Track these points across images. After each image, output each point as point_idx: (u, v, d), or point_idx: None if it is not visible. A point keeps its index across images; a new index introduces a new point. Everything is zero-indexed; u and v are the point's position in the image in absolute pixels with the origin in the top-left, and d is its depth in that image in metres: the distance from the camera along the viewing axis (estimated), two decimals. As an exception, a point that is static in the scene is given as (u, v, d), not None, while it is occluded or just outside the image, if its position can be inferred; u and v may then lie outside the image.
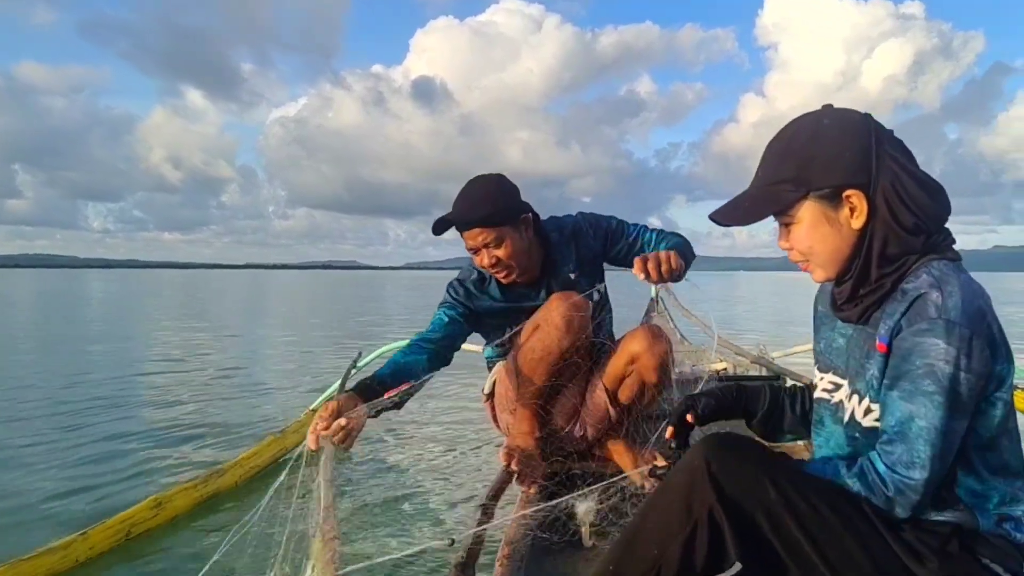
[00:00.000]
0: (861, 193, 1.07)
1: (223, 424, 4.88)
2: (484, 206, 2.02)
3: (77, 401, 5.71)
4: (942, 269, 1.06)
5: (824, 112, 1.12)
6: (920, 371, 1.01)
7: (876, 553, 1.04)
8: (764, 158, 1.15)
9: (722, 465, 1.06)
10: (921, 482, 1.02)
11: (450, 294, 2.20)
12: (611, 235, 2.19)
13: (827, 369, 1.24)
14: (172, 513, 2.66)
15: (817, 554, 1.03)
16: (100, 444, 4.26)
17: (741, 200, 1.16)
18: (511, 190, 2.09)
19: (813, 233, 1.11)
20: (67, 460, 3.88)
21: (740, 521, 1.04)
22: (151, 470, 3.70)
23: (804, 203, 1.10)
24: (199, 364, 8.23)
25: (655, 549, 1.07)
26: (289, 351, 9.84)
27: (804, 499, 1.04)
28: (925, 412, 1.01)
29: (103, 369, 7.69)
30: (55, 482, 3.45)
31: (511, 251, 2.04)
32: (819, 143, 1.08)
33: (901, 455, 1.03)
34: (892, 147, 1.08)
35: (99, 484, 3.43)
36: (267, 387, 6.66)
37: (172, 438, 4.46)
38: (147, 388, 6.60)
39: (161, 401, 5.88)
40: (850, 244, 1.10)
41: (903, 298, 1.06)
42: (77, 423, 4.87)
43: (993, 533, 1.07)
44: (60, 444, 4.26)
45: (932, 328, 1.00)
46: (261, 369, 8.10)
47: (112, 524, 2.40)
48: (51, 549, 2.15)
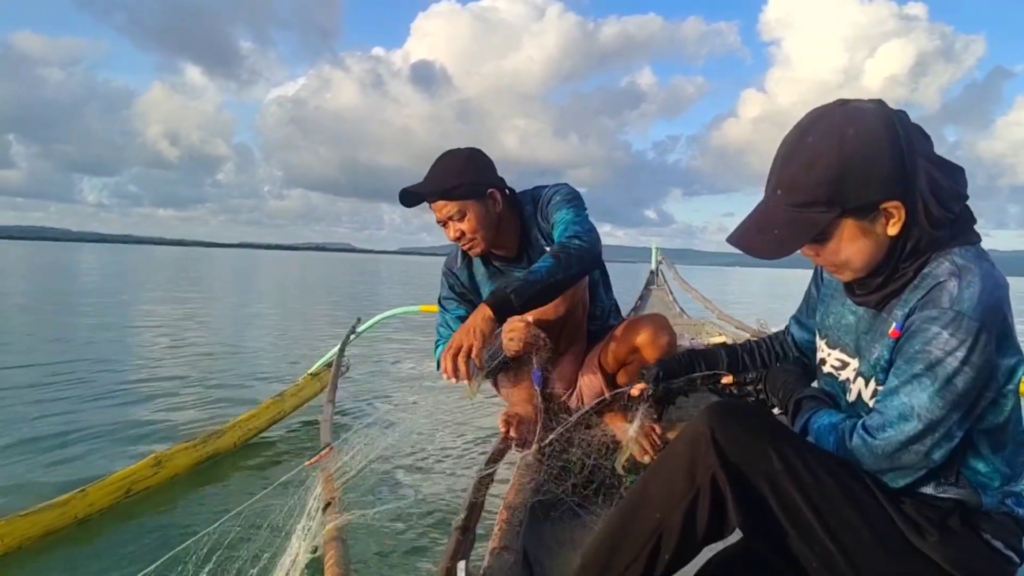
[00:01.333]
0: (900, 202, 1.01)
1: (223, 387, 4.91)
2: (448, 179, 1.99)
3: (76, 368, 5.72)
4: (965, 257, 1.03)
5: (843, 119, 1.02)
6: (917, 354, 1.00)
7: (877, 524, 1.04)
8: (783, 173, 1.05)
9: (726, 432, 1.05)
10: (881, 447, 1.02)
11: (450, 286, 2.21)
12: (547, 210, 2.09)
13: (835, 345, 1.23)
14: (171, 472, 2.67)
15: (818, 522, 1.03)
16: (100, 408, 4.28)
17: (766, 225, 1.06)
18: (481, 166, 2.04)
19: (849, 247, 1.06)
20: (65, 422, 3.89)
21: (742, 488, 1.04)
22: (150, 433, 3.72)
23: (839, 222, 1.03)
24: (200, 334, 8.25)
25: (657, 514, 1.08)
26: (288, 322, 9.86)
27: (807, 468, 1.04)
28: (909, 391, 1.01)
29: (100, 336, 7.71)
30: (53, 442, 3.47)
31: (475, 224, 2.01)
32: (848, 158, 0.99)
33: (875, 421, 1.04)
34: (919, 143, 1.03)
35: (98, 445, 3.45)
36: (267, 353, 6.68)
37: (171, 402, 4.48)
38: (148, 356, 6.62)
39: (161, 367, 5.90)
40: (885, 250, 1.06)
41: (922, 284, 1.04)
42: (75, 389, 4.89)
43: (996, 510, 1.07)
44: (59, 407, 4.28)
45: (940, 317, 0.99)
46: (261, 337, 8.12)
47: (112, 481, 2.41)
48: (50, 505, 2.16)
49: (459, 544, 1.26)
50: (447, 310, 2.20)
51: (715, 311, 5.33)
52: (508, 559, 1.35)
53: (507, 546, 1.40)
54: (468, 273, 2.18)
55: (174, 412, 4.16)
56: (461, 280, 2.19)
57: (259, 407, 3.46)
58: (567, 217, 2.02)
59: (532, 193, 2.18)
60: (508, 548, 1.39)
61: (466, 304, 2.19)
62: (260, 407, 3.46)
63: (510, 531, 1.48)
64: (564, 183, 2.16)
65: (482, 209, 2.03)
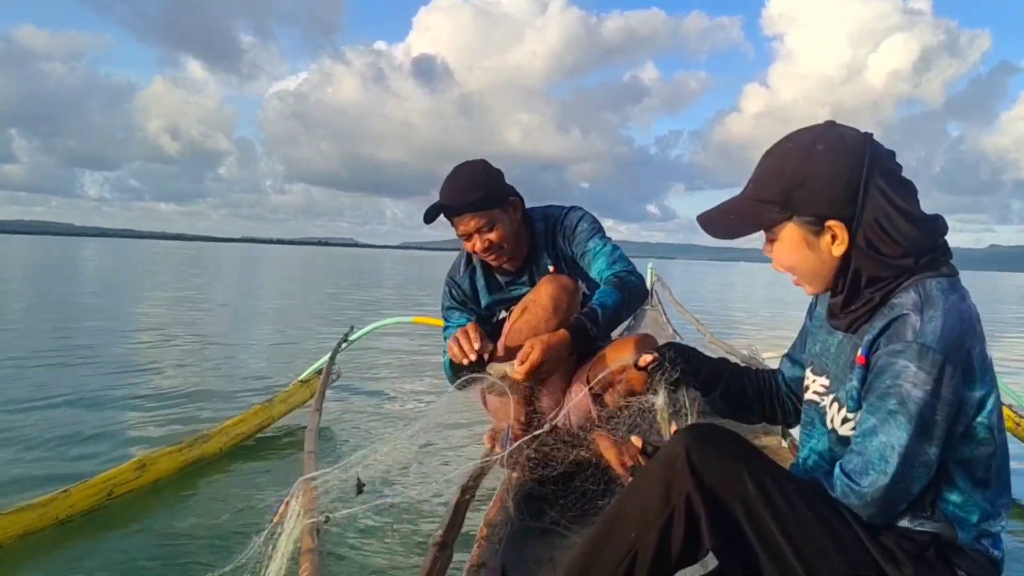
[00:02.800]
0: (843, 225, 1.07)
1: (211, 392, 4.89)
2: (474, 191, 2.01)
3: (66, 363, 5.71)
4: (929, 289, 1.05)
5: (822, 133, 1.10)
6: (888, 390, 1.02)
7: (851, 553, 1.05)
8: (757, 169, 1.15)
9: (702, 454, 1.06)
10: (868, 492, 1.03)
11: (452, 296, 2.21)
12: (575, 236, 2.13)
13: (820, 372, 1.24)
14: (155, 476, 2.66)
15: (791, 550, 1.03)
16: (84, 407, 4.26)
17: (727, 212, 1.17)
18: (497, 174, 2.08)
19: (793, 254, 1.13)
20: (52, 421, 3.88)
21: (717, 511, 1.05)
22: (135, 435, 3.70)
23: (787, 224, 1.11)
24: (192, 333, 8.23)
25: (632, 533, 1.08)
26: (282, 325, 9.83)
27: (782, 495, 1.05)
28: (887, 429, 1.02)
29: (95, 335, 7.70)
30: (40, 441, 3.45)
31: (503, 234, 2.04)
32: (809, 169, 1.08)
33: (856, 464, 1.05)
34: (884, 178, 1.06)
35: (84, 445, 3.44)
36: (257, 359, 6.66)
37: (159, 404, 4.46)
38: (137, 356, 6.61)
39: (150, 368, 5.88)
40: (831, 268, 1.12)
41: (888, 313, 1.07)
42: (64, 384, 4.87)
43: (971, 547, 1.08)
44: (47, 405, 4.26)
45: (905, 350, 1.00)
46: (253, 341, 8.10)
47: (95, 483, 2.39)
48: (31, 505, 2.15)
49: (435, 560, 1.27)
50: (450, 321, 2.20)
51: (706, 335, 5.36)
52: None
53: (485, 563, 1.40)
54: (470, 281, 2.19)
55: (163, 414, 4.14)
56: (463, 288, 2.19)
57: (247, 412, 3.45)
58: (605, 249, 2.08)
59: (544, 211, 2.20)
60: (486, 565, 1.39)
61: (466, 313, 2.19)
62: (248, 412, 3.44)
63: (489, 548, 1.48)
64: (579, 207, 2.19)
65: (506, 217, 2.05)
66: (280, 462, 3.31)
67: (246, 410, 3.51)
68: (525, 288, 2.15)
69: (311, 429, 2.22)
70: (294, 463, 3.22)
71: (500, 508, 1.68)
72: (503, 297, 2.19)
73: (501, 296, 2.19)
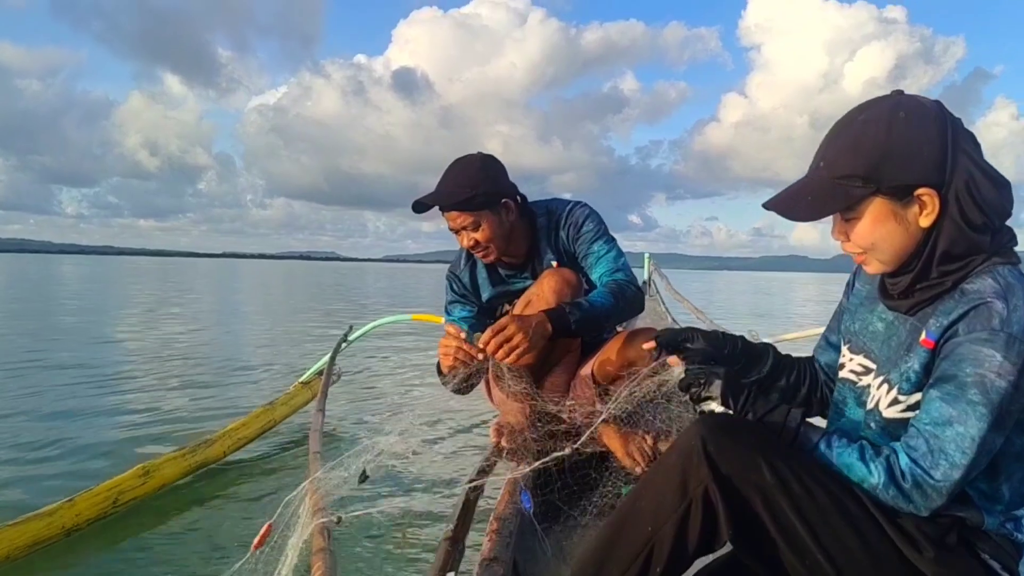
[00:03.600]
0: (934, 191, 1.02)
1: (213, 396, 4.88)
2: (463, 190, 1.99)
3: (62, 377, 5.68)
4: (1008, 277, 1.02)
5: (899, 102, 1.06)
6: (970, 379, 0.98)
7: (870, 538, 1.04)
8: (830, 146, 1.09)
9: (718, 445, 1.05)
10: (943, 484, 0.99)
11: (454, 290, 2.20)
12: (579, 235, 2.12)
13: (859, 351, 1.22)
14: (160, 482, 2.65)
15: (810, 536, 1.02)
16: (83, 418, 4.24)
17: (803, 191, 1.10)
18: (494, 174, 2.05)
19: (878, 229, 1.06)
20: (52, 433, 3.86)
21: (735, 501, 1.04)
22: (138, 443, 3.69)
23: (871, 200, 1.05)
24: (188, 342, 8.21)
25: (649, 527, 1.07)
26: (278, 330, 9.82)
27: (799, 482, 1.03)
28: (965, 419, 0.98)
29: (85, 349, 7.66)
30: (41, 453, 3.44)
31: (489, 235, 2.02)
32: (895, 139, 1.03)
33: (926, 453, 1.00)
34: (966, 141, 1.04)
35: (86, 454, 3.43)
36: (257, 362, 6.65)
37: (160, 409, 4.45)
38: (135, 363, 6.58)
39: (149, 374, 5.86)
40: (916, 241, 1.06)
41: (962, 299, 1.03)
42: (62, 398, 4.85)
43: (996, 531, 1.07)
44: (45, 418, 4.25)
45: (992, 339, 0.97)
46: (251, 346, 8.08)
47: (99, 491, 2.38)
48: (37, 515, 2.14)
49: (448, 555, 1.26)
50: (451, 315, 2.19)
51: (705, 320, 5.35)
52: (497, 570, 1.35)
53: (496, 557, 1.39)
54: (470, 275, 2.19)
55: (166, 420, 4.13)
56: (463, 281, 2.19)
57: (249, 416, 3.44)
58: (610, 255, 2.06)
59: (548, 205, 2.18)
60: (498, 559, 1.39)
61: (468, 305, 2.18)
62: (250, 416, 3.44)
63: (500, 542, 1.48)
64: (586, 204, 2.16)
65: (496, 219, 2.03)
66: (285, 464, 3.31)
67: (248, 413, 3.50)
68: (528, 282, 2.14)
69: (315, 429, 2.21)
70: (299, 464, 3.22)
71: (509, 501, 1.67)
72: (505, 290, 2.18)
73: (503, 288, 2.18)
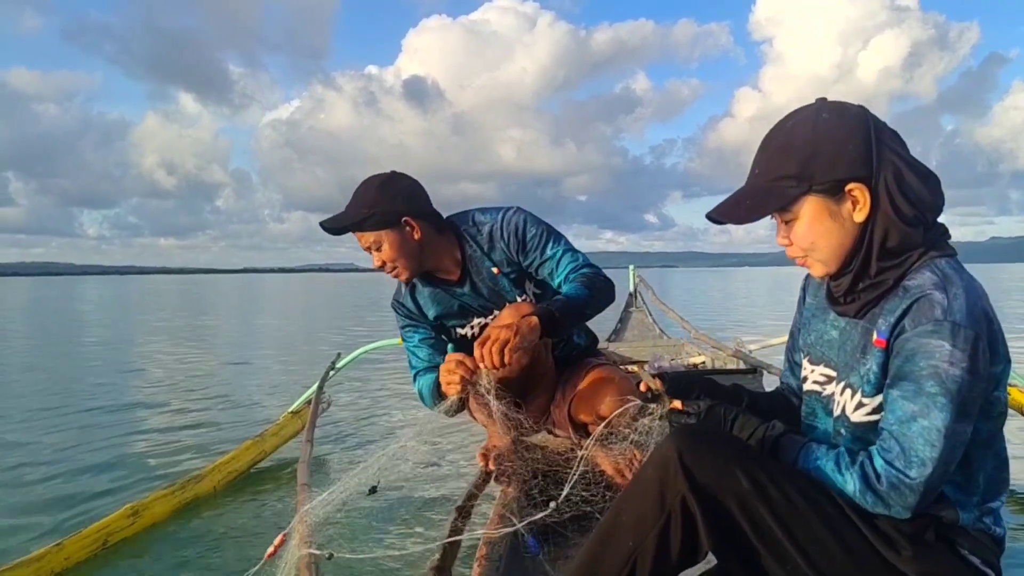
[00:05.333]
0: (864, 186, 1.07)
1: (202, 428, 4.84)
2: (359, 210, 2.00)
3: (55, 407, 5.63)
4: (944, 268, 1.05)
5: (821, 106, 1.11)
6: (924, 372, 1.00)
7: (848, 539, 1.05)
8: (762, 153, 1.14)
9: (693, 455, 1.06)
10: (919, 481, 1.00)
11: (402, 315, 2.20)
12: (524, 245, 2.08)
13: (819, 361, 1.24)
14: (149, 521, 2.63)
15: (789, 540, 1.04)
16: (73, 452, 4.20)
17: (741, 198, 1.15)
18: (394, 193, 2.02)
19: (816, 228, 1.10)
20: (42, 468, 3.82)
21: (713, 510, 1.05)
22: (126, 477, 3.65)
23: (806, 198, 1.09)
24: (180, 370, 8.14)
25: (630, 541, 1.09)
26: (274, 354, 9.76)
27: (775, 486, 1.05)
28: (927, 413, 1.00)
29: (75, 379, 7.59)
30: (29, 490, 3.40)
31: (392, 253, 2.02)
32: (820, 137, 1.08)
33: (899, 453, 1.02)
34: (890, 138, 1.09)
35: (73, 492, 3.39)
36: (247, 392, 6.60)
37: (150, 444, 4.41)
38: (124, 395, 6.52)
39: (140, 407, 5.81)
40: (852, 238, 1.10)
41: (905, 295, 1.06)
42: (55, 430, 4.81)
43: (973, 526, 1.08)
44: (36, 451, 4.20)
45: (938, 330, 0.99)
46: (243, 374, 8.03)
47: (88, 534, 2.37)
48: (24, 561, 2.12)
49: (435, 585, 1.26)
50: (409, 339, 2.19)
51: (691, 331, 5.38)
52: (487, 596, 1.35)
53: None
54: (411, 299, 2.18)
55: (156, 453, 4.09)
56: (407, 307, 2.19)
57: (239, 448, 3.42)
58: (567, 255, 2.04)
59: (472, 216, 2.15)
60: (486, 585, 1.39)
61: (421, 327, 2.18)
62: (240, 448, 3.42)
63: (489, 566, 1.48)
64: (518, 208, 2.13)
65: (398, 238, 2.02)
66: (275, 496, 3.28)
67: (238, 446, 3.49)
68: (467, 296, 2.14)
69: (303, 461, 2.21)
70: (290, 496, 3.20)
71: (499, 526, 1.67)
72: (450, 305, 2.17)
73: (448, 304, 2.17)
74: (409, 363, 2.20)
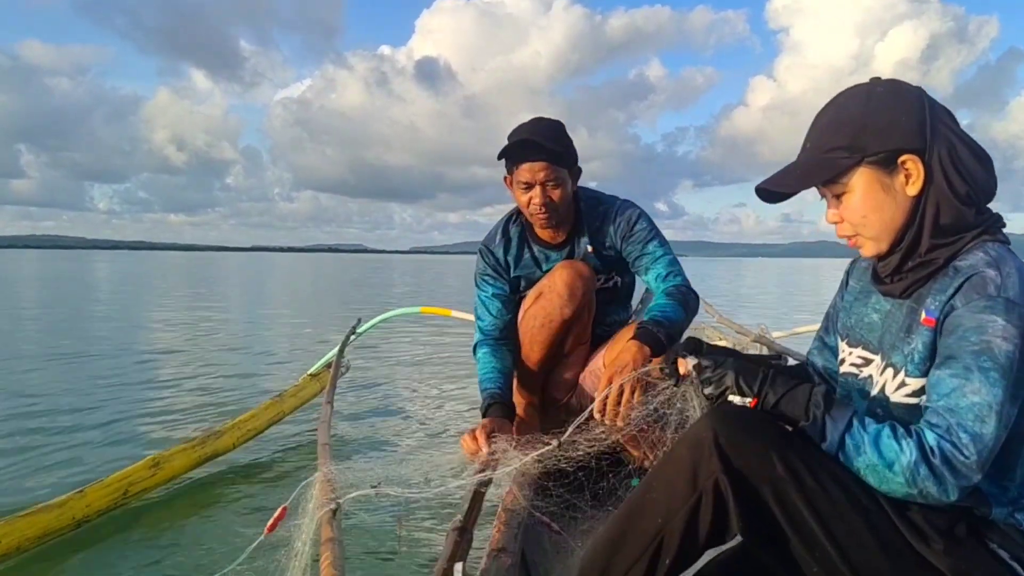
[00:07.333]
0: (917, 158, 1.05)
1: (224, 388, 4.90)
2: (557, 142, 1.96)
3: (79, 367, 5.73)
4: (998, 250, 1.04)
5: (875, 81, 1.10)
6: (976, 347, 0.97)
7: (880, 530, 1.03)
8: (814, 128, 1.13)
9: (729, 437, 1.04)
10: (972, 459, 0.96)
11: (486, 262, 2.18)
12: (632, 234, 2.09)
13: (856, 344, 1.22)
14: (170, 473, 2.66)
15: (822, 530, 1.02)
16: (96, 408, 4.27)
17: (792, 168, 1.13)
18: (570, 139, 2.06)
19: (868, 201, 1.08)
20: (66, 421, 3.90)
21: (745, 494, 1.03)
22: (150, 432, 3.71)
23: (858, 170, 1.07)
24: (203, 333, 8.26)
25: (659, 518, 1.07)
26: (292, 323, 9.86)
27: (812, 475, 1.03)
28: (979, 388, 0.96)
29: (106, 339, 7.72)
30: (55, 442, 3.47)
31: (562, 196, 2.00)
32: (873, 110, 1.06)
33: (949, 428, 0.98)
34: (945, 115, 1.07)
35: (98, 443, 3.45)
36: (269, 354, 6.68)
37: (174, 400, 4.47)
38: (150, 354, 6.62)
39: (163, 366, 5.89)
40: (904, 212, 1.08)
41: (956, 275, 1.04)
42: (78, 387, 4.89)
43: (1004, 521, 1.06)
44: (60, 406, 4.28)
45: (992, 306, 0.97)
46: (264, 338, 8.12)
47: (110, 483, 2.39)
48: (47, 506, 2.15)
49: (456, 545, 1.26)
50: (482, 288, 2.18)
51: (715, 315, 5.31)
52: (506, 561, 1.35)
53: (505, 548, 1.39)
54: (504, 250, 2.17)
55: (179, 409, 4.16)
56: (496, 256, 2.18)
57: (258, 407, 3.45)
58: (665, 258, 2.05)
59: (595, 194, 2.18)
60: (506, 550, 1.38)
61: (499, 280, 2.17)
62: (259, 408, 3.44)
63: (508, 533, 1.47)
64: (635, 204, 2.14)
65: (570, 182, 2.03)
66: (291, 456, 3.32)
67: (257, 405, 3.51)
68: (557, 262, 2.13)
69: (323, 421, 2.21)
70: (308, 456, 3.23)
71: (517, 493, 1.67)
72: (531, 272, 2.17)
73: (530, 271, 2.17)
74: (476, 314, 2.18)
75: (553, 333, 2.00)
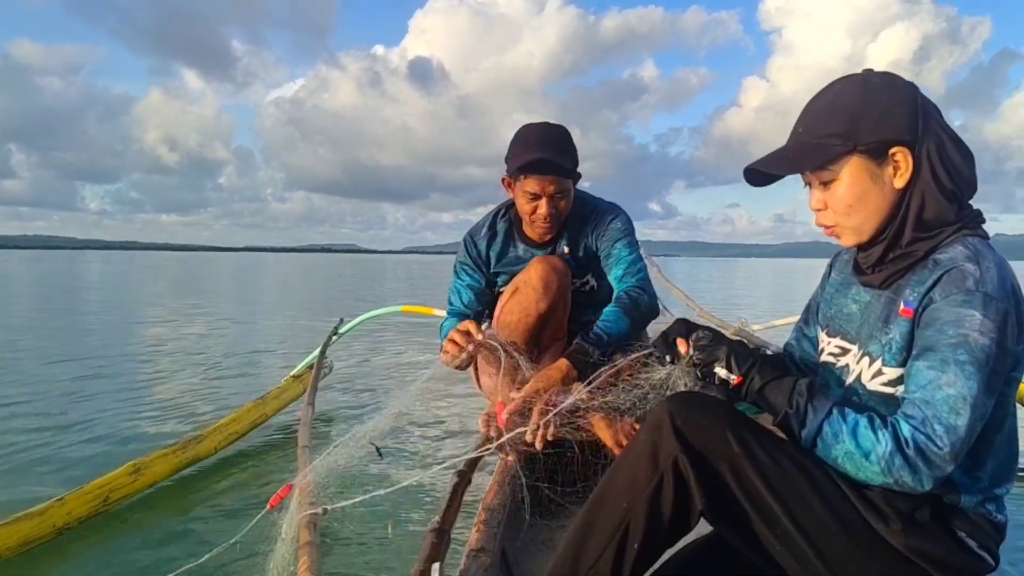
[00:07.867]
0: (908, 151, 1.07)
1: (204, 392, 4.86)
2: (569, 157, 1.97)
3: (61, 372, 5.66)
4: (977, 245, 1.05)
5: (870, 73, 1.12)
6: (953, 340, 0.99)
7: (837, 507, 1.05)
8: (807, 114, 1.14)
9: (686, 419, 1.07)
10: (946, 450, 0.98)
11: (468, 252, 2.21)
12: (606, 232, 2.11)
13: (835, 334, 1.25)
14: (151, 479, 2.64)
15: (779, 505, 1.04)
16: (77, 413, 4.23)
17: (784, 152, 1.15)
18: (574, 145, 2.05)
19: (855, 189, 1.10)
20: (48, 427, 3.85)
21: (705, 472, 1.06)
22: (129, 437, 3.67)
23: (849, 158, 1.09)
24: (186, 336, 8.18)
25: (624, 503, 1.09)
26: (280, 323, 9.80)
27: (766, 452, 1.06)
28: (955, 381, 0.98)
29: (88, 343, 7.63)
30: (34, 447, 3.42)
31: (567, 205, 2.01)
32: (869, 100, 1.08)
33: (924, 420, 0.99)
34: (936, 112, 1.09)
35: (77, 450, 3.41)
36: (252, 355, 6.63)
37: (154, 407, 4.43)
38: (131, 360, 6.55)
39: (144, 372, 5.84)
40: (889, 204, 1.10)
41: (935, 268, 1.06)
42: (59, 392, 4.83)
43: (974, 510, 1.08)
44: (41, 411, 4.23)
45: (970, 300, 0.99)
46: (247, 339, 8.07)
47: (90, 490, 2.38)
48: (28, 514, 2.13)
49: (434, 547, 1.27)
50: (460, 277, 2.22)
51: (696, 308, 5.36)
52: (485, 560, 1.36)
53: (484, 547, 1.40)
54: (487, 243, 2.20)
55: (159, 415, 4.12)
56: (479, 248, 2.20)
57: (240, 410, 3.43)
58: (629, 258, 2.05)
59: (585, 196, 2.18)
60: (485, 550, 1.40)
61: (477, 273, 2.20)
62: (241, 410, 3.42)
63: (487, 532, 1.49)
64: (620, 208, 2.15)
65: (573, 190, 2.04)
66: (275, 459, 3.30)
67: (239, 408, 3.50)
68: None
69: (304, 423, 2.22)
70: (289, 459, 3.22)
71: (497, 492, 1.68)
72: (510, 269, 2.20)
73: (509, 268, 2.20)
74: (448, 299, 2.23)
75: (530, 327, 2.02)
